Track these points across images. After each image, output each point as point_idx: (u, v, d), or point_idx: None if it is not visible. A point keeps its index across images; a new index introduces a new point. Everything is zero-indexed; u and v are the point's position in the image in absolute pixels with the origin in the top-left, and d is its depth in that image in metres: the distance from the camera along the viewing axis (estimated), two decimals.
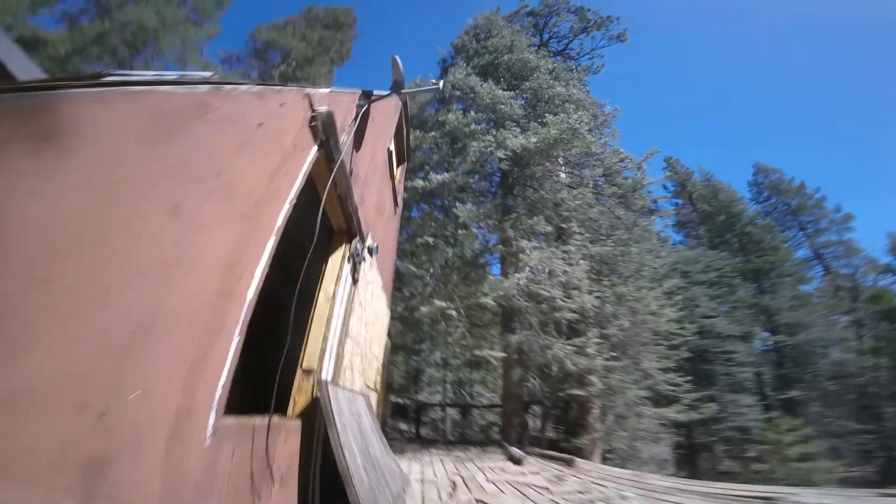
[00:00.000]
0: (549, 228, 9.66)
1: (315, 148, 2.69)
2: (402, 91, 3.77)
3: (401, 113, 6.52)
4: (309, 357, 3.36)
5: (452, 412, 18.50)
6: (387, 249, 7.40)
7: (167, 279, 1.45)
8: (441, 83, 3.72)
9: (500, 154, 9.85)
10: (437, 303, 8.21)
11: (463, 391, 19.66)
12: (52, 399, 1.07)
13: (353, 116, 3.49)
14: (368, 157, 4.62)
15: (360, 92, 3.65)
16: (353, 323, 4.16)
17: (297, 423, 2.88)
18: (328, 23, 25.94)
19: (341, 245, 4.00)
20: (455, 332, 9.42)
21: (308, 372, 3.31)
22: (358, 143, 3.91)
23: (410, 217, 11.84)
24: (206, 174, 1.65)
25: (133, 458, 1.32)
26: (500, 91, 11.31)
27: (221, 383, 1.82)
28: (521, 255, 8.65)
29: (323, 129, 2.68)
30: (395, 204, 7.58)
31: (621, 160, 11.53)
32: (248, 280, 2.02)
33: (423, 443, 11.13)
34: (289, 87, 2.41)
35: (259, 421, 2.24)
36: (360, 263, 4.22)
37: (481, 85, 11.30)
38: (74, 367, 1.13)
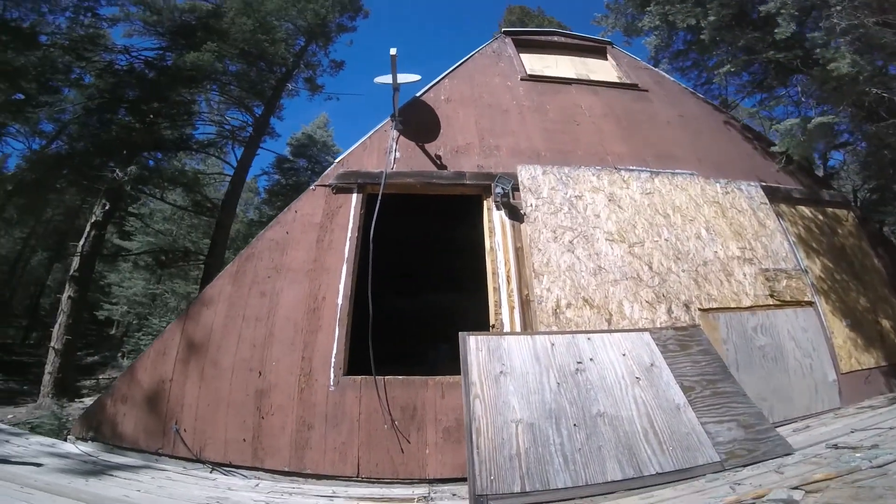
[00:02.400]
0: None
1: (354, 196, 3.85)
2: (394, 86, 4.14)
3: (511, 48, 5.74)
4: (491, 314, 3.47)
5: None
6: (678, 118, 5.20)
7: (273, 317, 3.23)
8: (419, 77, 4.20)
9: None
10: None
11: None
12: (239, 370, 3.01)
13: (393, 138, 4.23)
14: (473, 120, 4.61)
15: (390, 118, 4.38)
16: (550, 256, 3.56)
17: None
18: None
19: (482, 202, 4.04)
20: None
21: (493, 328, 3.40)
22: (426, 131, 4.37)
23: None
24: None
25: (278, 392, 2.94)
26: None
27: (333, 354, 3.10)
28: None
29: (340, 188, 3.87)
30: (629, 86, 5.52)
31: None
32: (332, 297, 3.34)
33: None
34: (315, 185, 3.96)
35: (394, 378, 3.03)
36: (511, 199, 3.84)
37: None
38: (247, 357, 3.06)
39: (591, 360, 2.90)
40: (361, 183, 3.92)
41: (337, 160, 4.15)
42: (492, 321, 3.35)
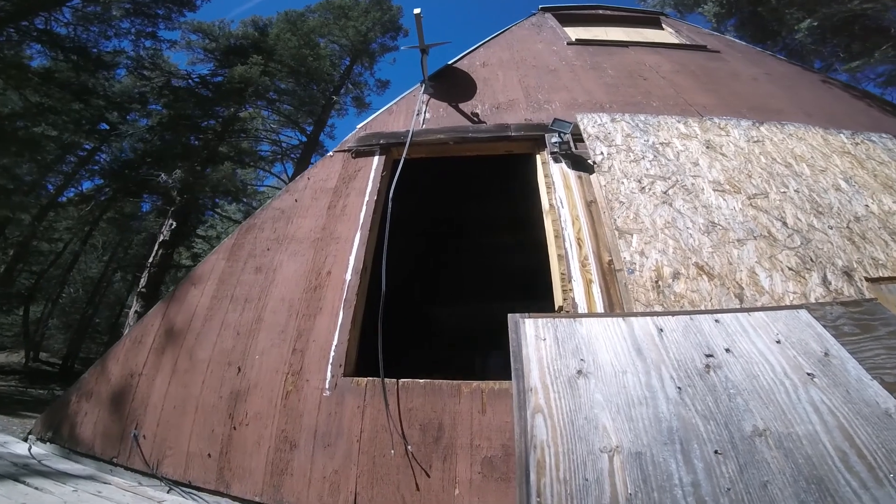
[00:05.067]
0: None
1: (376, 159, 3.00)
2: (421, 48, 3.37)
3: (553, 21, 4.84)
4: (556, 293, 2.33)
5: None
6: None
7: (266, 297, 2.33)
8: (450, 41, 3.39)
9: None
10: None
11: None
12: (217, 364, 2.10)
13: (423, 101, 3.40)
14: (516, 80, 3.69)
15: (419, 83, 3.58)
16: (638, 209, 2.40)
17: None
18: None
19: (534, 158, 2.99)
20: None
21: (560, 311, 2.25)
22: (461, 92, 3.50)
23: None
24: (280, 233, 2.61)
25: (257, 394, 1.98)
26: None
27: (333, 346, 2.11)
28: None
29: (360, 151, 3.04)
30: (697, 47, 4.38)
31: None
32: (339, 271, 2.41)
33: None
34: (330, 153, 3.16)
35: (412, 382, 1.93)
36: (574, 149, 2.79)
37: None
38: (228, 348, 2.15)
39: (726, 350, 1.68)
40: (385, 144, 3.07)
41: (359, 126, 3.37)
42: (558, 301, 2.20)
